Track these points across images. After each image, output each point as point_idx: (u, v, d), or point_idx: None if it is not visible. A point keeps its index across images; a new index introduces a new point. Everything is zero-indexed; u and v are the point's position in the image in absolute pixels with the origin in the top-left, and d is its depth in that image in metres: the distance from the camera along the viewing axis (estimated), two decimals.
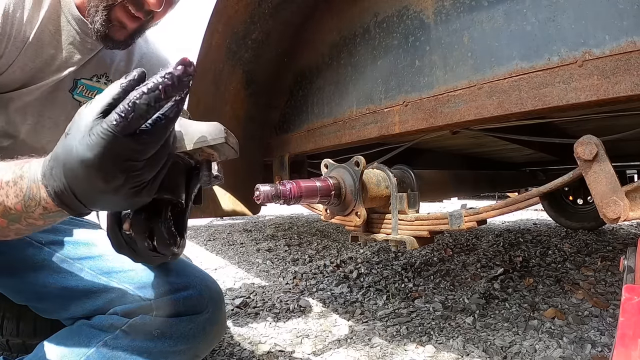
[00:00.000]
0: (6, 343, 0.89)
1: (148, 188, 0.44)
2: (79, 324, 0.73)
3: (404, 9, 0.93)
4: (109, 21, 0.79)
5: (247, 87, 1.28)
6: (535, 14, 0.71)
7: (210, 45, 1.11)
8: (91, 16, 0.80)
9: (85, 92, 0.91)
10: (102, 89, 0.91)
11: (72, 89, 0.88)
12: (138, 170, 0.41)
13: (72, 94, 0.89)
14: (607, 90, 0.62)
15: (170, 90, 0.39)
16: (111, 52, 0.92)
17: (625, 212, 0.58)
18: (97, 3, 0.79)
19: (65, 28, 0.84)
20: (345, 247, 2.80)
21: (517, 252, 2.37)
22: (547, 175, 2.71)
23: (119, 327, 0.70)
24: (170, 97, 0.39)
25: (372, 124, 1.01)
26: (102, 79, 0.92)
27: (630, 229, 3.14)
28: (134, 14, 0.80)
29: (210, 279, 0.78)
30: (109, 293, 0.73)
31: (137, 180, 0.42)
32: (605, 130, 1.39)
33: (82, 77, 0.89)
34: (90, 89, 0.91)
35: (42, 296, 0.76)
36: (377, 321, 1.39)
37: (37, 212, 0.46)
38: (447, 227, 0.82)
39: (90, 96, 0.91)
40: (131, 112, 0.38)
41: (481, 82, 0.78)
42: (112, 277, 0.75)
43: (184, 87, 0.39)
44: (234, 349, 1.21)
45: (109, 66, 0.93)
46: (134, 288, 0.73)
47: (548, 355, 1.08)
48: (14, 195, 0.46)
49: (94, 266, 0.76)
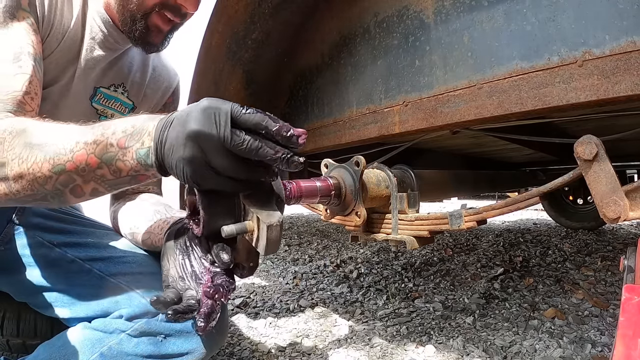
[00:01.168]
0: (6, 343, 0.89)
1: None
2: (81, 327, 0.73)
3: (404, 9, 0.93)
4: (148, 28, 0.81)
5: (247, 87, 1.28)
6: (535, 14, 0.71)
7: (210, 45, 1.11)
8: (128, 25, 0.81)
9: (102, 101, 0.91)
10: (119, 99, 0.94)
11: (92, 96, 0.89)
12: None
13: (91, 102, 0.89)
14: (607, 90, 0.62)
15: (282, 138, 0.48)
16: (129, 63, 0.94)
17: (625, 212, 0.58)
18: (134, 11, 0.79)
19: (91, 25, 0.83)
20: (345, 247, 2.80)
21: (517, 252, 2.37)
22: (547, 175, 2.71)
23: (124, 331, 0.70)
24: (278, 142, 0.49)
25: (372, 124, 1.01)
26: (120, 89, 0.94)
27: (630, 229, 3.14)
28: (170, 19, 0.81)
29: None
30: (115, 295, 0.74)
31: None
32: (605, 130, 1.39)
33: (101, 85, 0.90)
34: (108, 98, 0.92)
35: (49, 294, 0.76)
36: (377, 321, 1.39)
37: (135, 147, 0.50)
38: (447, 227, 0.82)
39: (107, 105, 0.92)
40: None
41: (481, 82, 0.78)
42: (120, 279, 0.76)
43: (292, 145, 0.49)
44: (234, 349, 1.21)
45: (126, 76, 0.94)
46: (141, 292, 0.73)
47: (548, 355, 1.08)
48: (122, 131, 0.51)
49: (102, 267, 0.77)
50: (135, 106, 0.98)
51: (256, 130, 0.48)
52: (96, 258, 0.78)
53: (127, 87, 0.95)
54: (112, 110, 0.94)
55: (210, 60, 1.15)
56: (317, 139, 1.21)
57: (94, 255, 0.79)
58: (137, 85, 0.97)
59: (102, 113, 0.92)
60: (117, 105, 0.94)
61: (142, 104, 1.00)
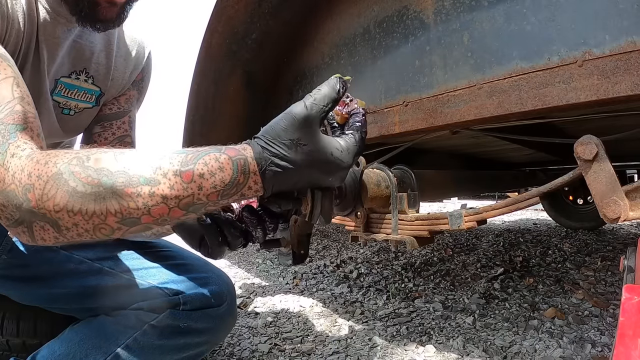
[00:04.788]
0: (6, 343, 0.89)
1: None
2: (100, 320, 0.73)
3: (404, 9, 0.93)
4: (96, 4, 0.70)
5: (247, 87, 1.28)
6: (535, 14, 0.71)
7: (210, 45, 1.11)
8: (71, 3, 0.70)
9: (64, 92, 0.82)
10: (82, 87, 0.84)
11: (53, 89, 0.80)
12: None
13: (52, 95, 0.81)
14: (607, 90, 0.62)
15: None
16: (90, 44, 0.83)
17: (625, 212, 0.58)
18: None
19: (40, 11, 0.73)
20: (345, 247, 2.80)
21: (517, 252, 2.37)
22: (547, 175, 2.71)
23: (147, 322, 0.71)
24: None
25: (372, 124, 1.01)
26: (82, 76, 0.84)
27: (630, 229, 3.14)
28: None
29: (225, 274, 0.83)
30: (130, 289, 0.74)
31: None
32: (605, 130, 1.39)
33: (61, 75, 0.81)
34: (70, 88, 0.83)
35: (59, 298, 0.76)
36: (377, 321, 1.39)
37: (232, 199, 0.43)
38: (447, 227, 0.82)
39: (69, 96, 0.83)
40: None
41: (481, 82, 0.78)
42: (133, 274, 0.76)
43: None
44: (234, 349, 1.21)
45: (88, 59, 0.84)
46: (157, 284, 0.74)
47: (548, 355, 1.08)
48: (221, 180, 0.42)
49: (113, 265, 0.77)
50: (102, 92, 0.89)
51: None
52: (105, 257, 0.77)
53: (90, 73, 0.85)
54: (75, 101, 0.85)
55: (210, 60, 1.15)
56: None
57: (102, 255, 0.77)
58: (104, 68, 0.87)
59: (64, 106, 0.84)
60: (81, 95, 0.85)
61: (110, 88, 0.90)
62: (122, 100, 0.95)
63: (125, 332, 0.70)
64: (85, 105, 0.88)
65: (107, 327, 0.72)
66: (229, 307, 0.79)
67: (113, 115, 0.94)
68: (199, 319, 0.74)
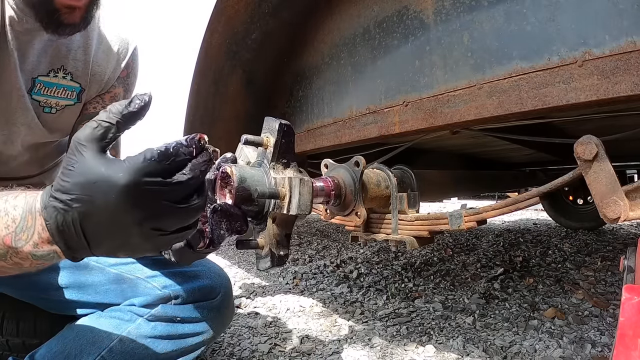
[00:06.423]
0: (6, 343, 0.89)
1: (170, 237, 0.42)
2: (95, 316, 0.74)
3: (403, 9, 0.93)
4: (56, 10, 0.68)
5: (247, 87, 1.28)
6: (535, 14, 0.71)
7: (210, 45, 1.11)
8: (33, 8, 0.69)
9: (43, 90, 0.82)
10: (61, 84, 0.84)
11: (31, 88, 0.80)
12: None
13: (31, 95, 0.81)
14: (607, 90, 0.62)
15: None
16: (67, 41, 0.83)
17: (625, 212, 0.58)
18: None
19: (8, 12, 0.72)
20: (345, 247, 2.80)
21: (517, 252, 2.37)
22: (547, 175, 2.71)
23: (141, 316, 0.72)
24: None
25: (372, 123, 1.01)
26: (60, 73, 0.84)
27: (630, 229, 3.14)
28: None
29: (218, 267, 0.84)
30: (120, 284, 0.76)
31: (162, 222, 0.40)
32: (605, 130, 1.39)
33: (39, 74, 0.80)
34: (49, 86, 0.83)
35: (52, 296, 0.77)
36: (377, 321, 1.39)
37: (27, 248, 0.41)
38: (447, 227, 0.82)
39: (49, 94, 0.83)
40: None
41: (481, 82, 0.78)
42: (121, 268, 0.77)
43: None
44: (234, 348, 1.21)
45: (65, 56, 0.84)
46: (146, 278, 0.75)
47: (548, 355, 1.08)
48: (4, 227, 0.41)
49: (100, 260, 0.78)
50: (83, 88, 0.89)
51: None
52: None
53: (68, 69, 0.85)
54: (55, 99, 0.85)
55: (210, 60, 1.15)
56: (317, 139, 1.21)
57: None
58: (82, 64, 0.87)
59: (45, 104, 0.84)
60: (61, 92, 0.85)
61: (91, 84, 0.90)
62: (107, 98, 0.94)
63: (119, 327, 0.71)
64: (67, 102, 0.87)
65: (101, 323, 0.72)
66: (223, 300, 0.80)
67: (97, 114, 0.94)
68: (192, 312, 0.75)
